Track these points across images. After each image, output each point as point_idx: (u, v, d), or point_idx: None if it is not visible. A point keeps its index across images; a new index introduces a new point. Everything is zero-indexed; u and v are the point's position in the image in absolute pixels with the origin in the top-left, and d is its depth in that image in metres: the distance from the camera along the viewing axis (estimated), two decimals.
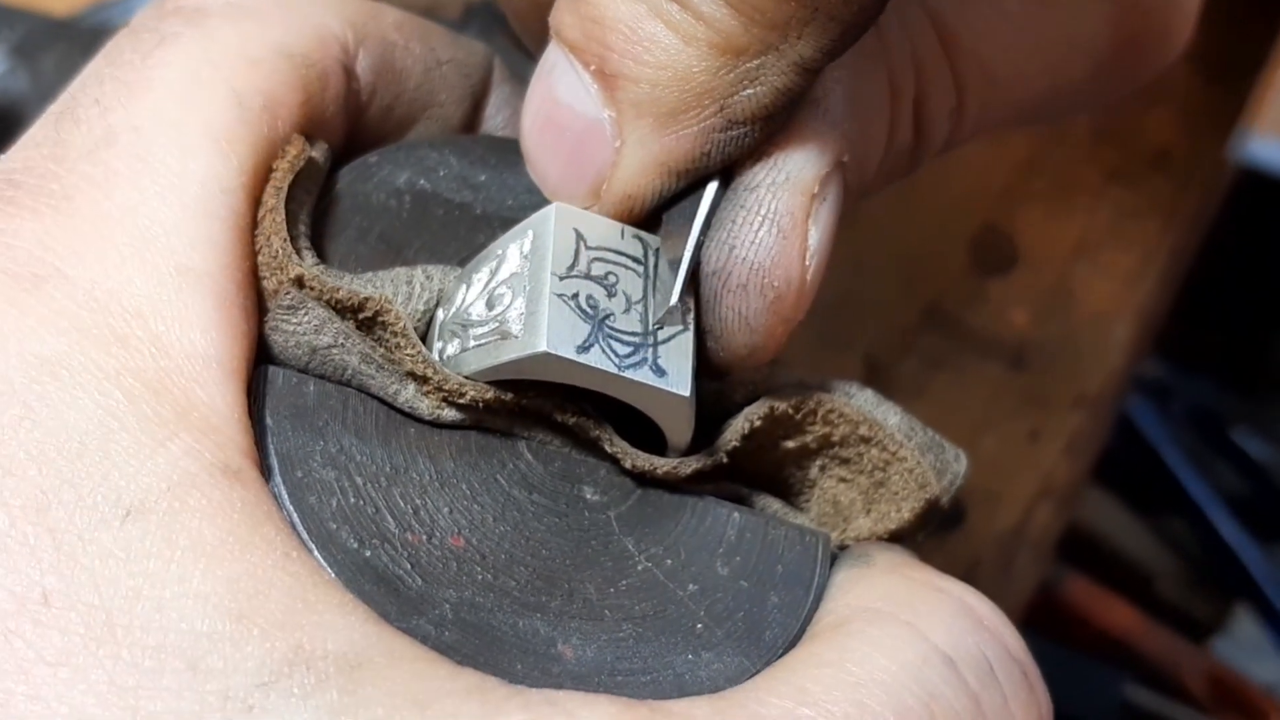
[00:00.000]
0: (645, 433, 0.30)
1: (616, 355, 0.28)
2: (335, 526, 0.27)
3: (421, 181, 0.32)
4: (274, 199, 0.28)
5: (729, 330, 0.29)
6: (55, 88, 0.78)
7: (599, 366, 0.27)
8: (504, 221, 0.32)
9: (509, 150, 0.33)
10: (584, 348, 0.27)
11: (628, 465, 0.30)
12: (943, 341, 0.69)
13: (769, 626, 0.29)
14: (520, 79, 0.36)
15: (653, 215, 0.30)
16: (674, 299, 0.28)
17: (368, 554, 0.27)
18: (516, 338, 0.28)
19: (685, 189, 0.29)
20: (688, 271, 0.28)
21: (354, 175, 0.32)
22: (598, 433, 0.30)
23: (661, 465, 0.30)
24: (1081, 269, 0.74)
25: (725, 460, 0.31)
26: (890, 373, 0.68)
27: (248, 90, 0.28)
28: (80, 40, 0.74)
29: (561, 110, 0.29)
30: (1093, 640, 1.11)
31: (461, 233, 0.32)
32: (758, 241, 0.28)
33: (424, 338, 0.30)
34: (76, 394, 0.24)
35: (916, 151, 0.33)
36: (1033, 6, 0.33)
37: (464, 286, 0.30)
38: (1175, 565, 1.20)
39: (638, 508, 0.30)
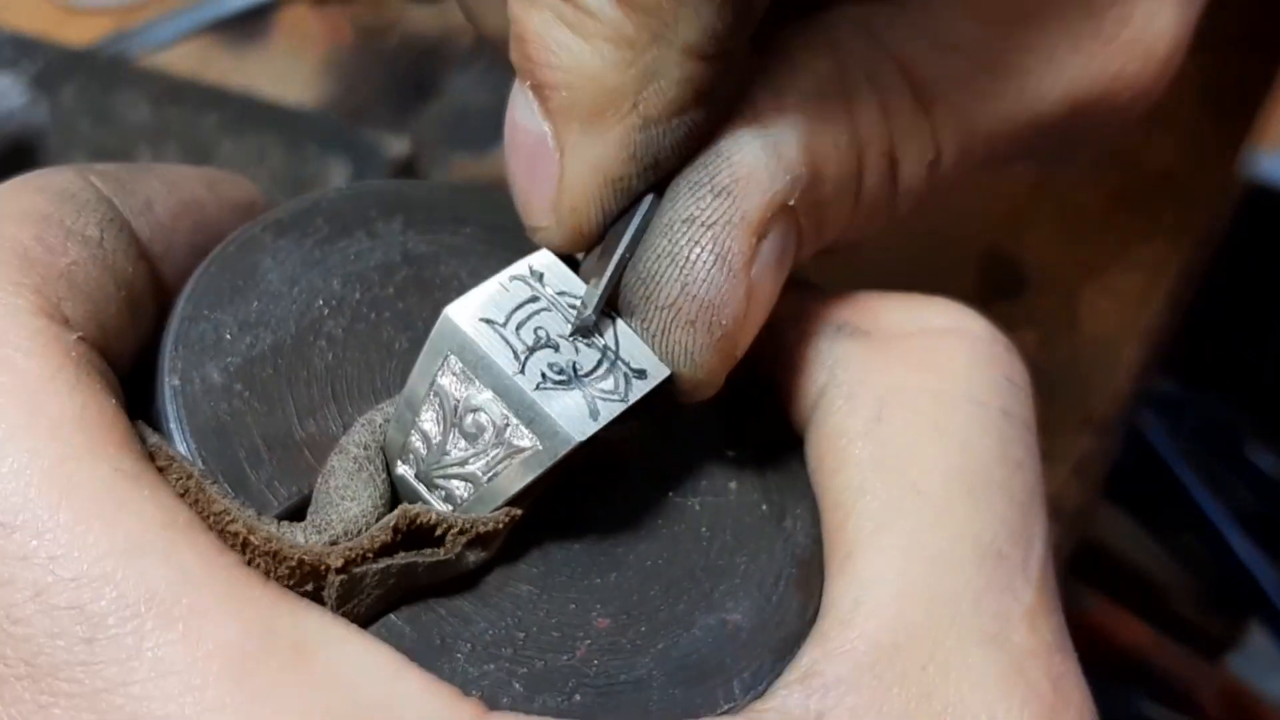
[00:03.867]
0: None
1: (609, 395, 0.28)
2: None
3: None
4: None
5: (675, 365, 0.29)
6: (74, 118, 0.78)
7: (613, 416, 0.27)
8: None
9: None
10: (593, 414, 0.27)
11: (461, 545, 0.28)
12: None
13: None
14: None
15: (600, 238, 0.30)
16: (589, 311, 0.28)
17: None
18: (538, 449, 0.27)
19: (625, 209, 0.29)
20: (607, 287, 0.28)
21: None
22: (426, 558, 0.28)
23: (485, 522, 0.28)
24: (1089, 292, 0.75)
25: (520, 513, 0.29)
26: None
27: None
28: (99, 71, 0.75)
29: (518, 131, 0.30)
30: (1106, 657, 1.11)
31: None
32: (709, 279, 0.28)
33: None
34: None
35: (894, 200, 0.33)
36: (1009, 53, 0.33)
37: (415, 439, 0.29)
38: (1189, 581, 1.20)
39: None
